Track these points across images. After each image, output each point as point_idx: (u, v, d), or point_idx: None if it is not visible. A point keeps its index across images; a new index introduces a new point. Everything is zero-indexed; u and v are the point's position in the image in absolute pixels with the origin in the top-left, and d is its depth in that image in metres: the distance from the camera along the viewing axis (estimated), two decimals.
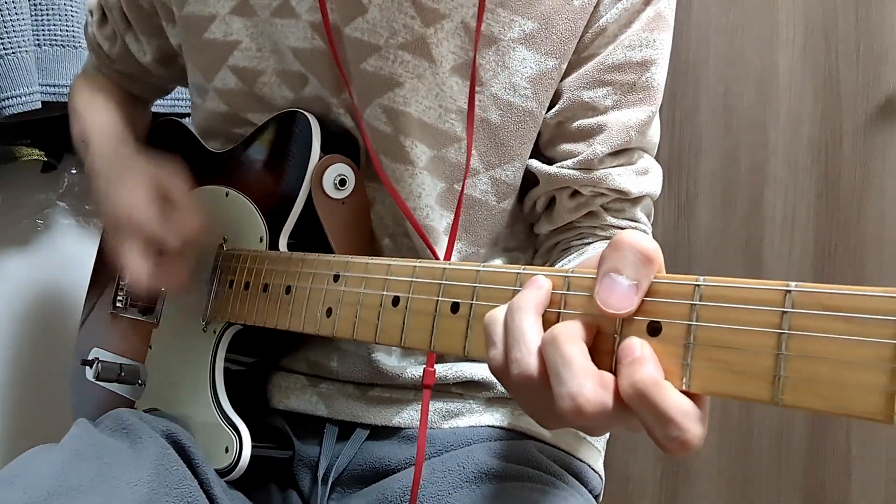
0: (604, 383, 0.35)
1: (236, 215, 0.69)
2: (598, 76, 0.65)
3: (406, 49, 0.63)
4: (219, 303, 0.67)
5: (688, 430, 0.33)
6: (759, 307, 0.32)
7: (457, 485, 0.60)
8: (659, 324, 0.35)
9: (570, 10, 0.63)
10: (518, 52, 0.64)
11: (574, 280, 0.40)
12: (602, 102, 0.65)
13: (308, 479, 0.67)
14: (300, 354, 0.70)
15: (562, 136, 0.66)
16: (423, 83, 0.64)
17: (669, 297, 0.35)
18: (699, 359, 0.34)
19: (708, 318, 0.34)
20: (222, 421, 0.63)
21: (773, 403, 0.31)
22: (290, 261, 0.59)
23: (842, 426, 1.30)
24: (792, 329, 0.31)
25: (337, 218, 0.66)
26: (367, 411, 0.67)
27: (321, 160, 0.65)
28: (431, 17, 0.63)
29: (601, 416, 0.34)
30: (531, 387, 0.37)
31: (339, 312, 0.53)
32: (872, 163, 1.29)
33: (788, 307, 0.31)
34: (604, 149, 0.64)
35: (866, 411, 0.29)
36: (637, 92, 0.65)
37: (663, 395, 0.33)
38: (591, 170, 0.65)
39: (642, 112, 0.65)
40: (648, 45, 0.65)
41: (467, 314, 0.44)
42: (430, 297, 0.46)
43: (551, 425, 0.40)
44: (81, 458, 0.55)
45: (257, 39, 0.68)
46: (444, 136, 0.65)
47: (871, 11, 1.28)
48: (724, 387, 0.33)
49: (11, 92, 0.95)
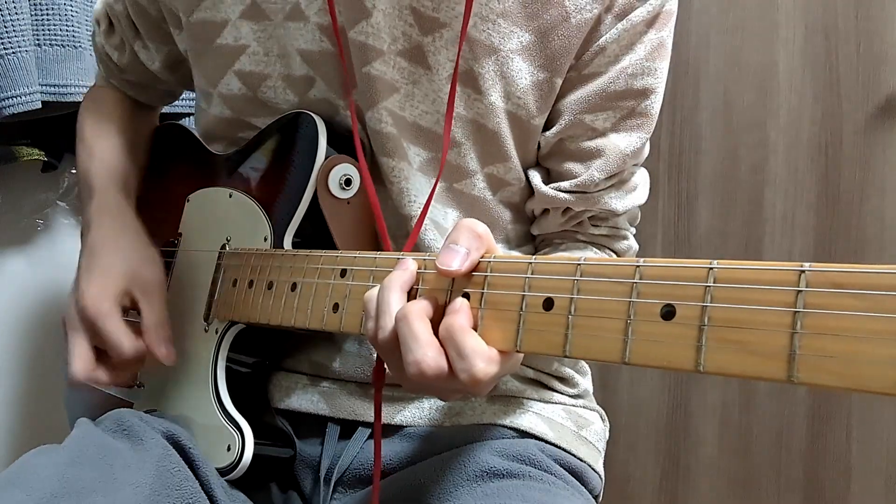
0: (441, 352, 0.44)
1: (240, 216, 0.69)
2: (601, 102, 0.67)
3: (403, 56, 0.65)
4: (222, 302, 0.67)
5: (475, 366, 0.43)
6: (773, 287, 0.33)
7: (458, 483, 0.60)
8: (673, 307, 0.36)
9: (566, 27, 0.64)
10: (516, 63, 0.65)
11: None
12: (602, 125, 0.68)
13: (310, 480, 0.67)
14: (302, 355, 0.70)
15: (561, 153, 0.69)
16: (419, 89, 0.65)
17: (683, 280, 0.36)
18: (714, 340, 0.34)
19: (722, 299, 0.34)
20: (224, 420, 0.63)
21: (788, 382, 0.32)
22: (296, 258, 0.59)
23: (842, 426, 1.30)
24: (807, 307, 0.32)
25: (342, 217, 0.66)
26: (369, 409, 0.67)
27: (327, 160, 0.65)
28: (430, 26, 0.64)
29: (440, 377, 0.44)
30: (395, 351, 0.46)
31: (346, 307, 0.53)
32: (872, 163, 1.29)
33: (803, 286, 0.32)
34: (600, 175, 0.67)
35: (882, 386, 0.29)
36: (635, 117, 0.68)
37: (464, 337, 0.43)
38: (587, 193, 0.68)
39: (638, 139, 0.68)
40: (650, 73, 0.67)
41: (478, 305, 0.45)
42: (441, 289, 0.47)
43: (407, 386, 0.50)
44: (84, 460, 0.55)
45: (265, 44, 0.68)
46: (440, 139, 0.66)
47: (871, 11, 1.28)
48: (740, 367, 0.33)
49: (11, 92, 0.94)
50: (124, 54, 0.82)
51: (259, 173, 0.71)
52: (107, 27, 0.82)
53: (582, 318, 0.40)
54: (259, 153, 0.71)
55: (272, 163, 0.70)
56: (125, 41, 0.81)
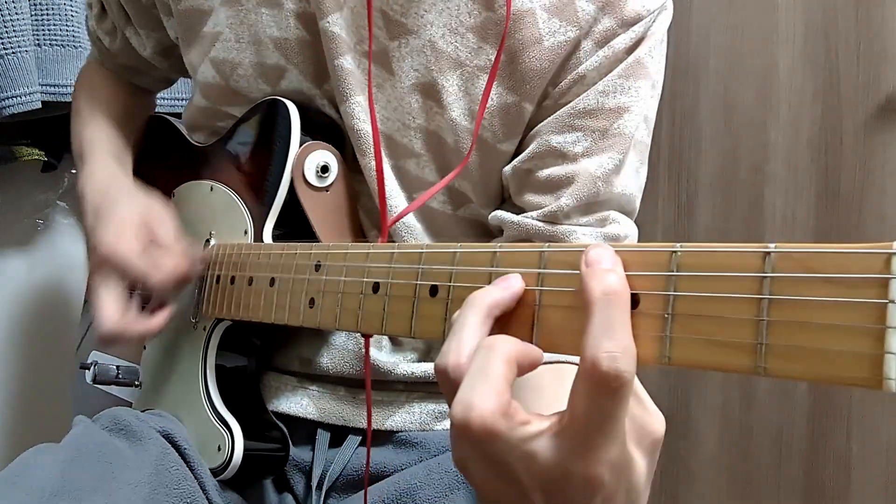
0: (508, 415, 0.32)
1: (221, 209, 0.68)
2: (569, 121, 0.62)
3: (367, 57, 0.63)
4: (207, 299, 0.66)
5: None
6: (737, 273, 0.31)
7: (453, 486, 0.60)
8: (637, 296, 0.34)
9: (539, 49, 0.61)
10: (481, 81, 0.63)
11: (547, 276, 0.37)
12: (571, 149, 0.62)
13: (302, 485, 0.67)
14: (291, 351, 0.69)
15: (530, 185, 0.63)
16: (382, 93, 0.64)
17: (646, 269, 0.34)
18: (679, 331, 0.32)
19: (686, 287, 0.32)
20: (214, 419, 0.62)
21: (755, 373, 0.30)
22: (273, 252, 0.58)
23: (842, 426, 1.30)
24: (773, 294, 0.30)
25: (321, 207, 0.64)
26: (358, 415, 0.66)
27: (301, 147, 0.63)
28: (397, 31, 0.63)
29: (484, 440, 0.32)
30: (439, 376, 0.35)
31: (321, 303, 0.51)
32: (872, 163, 1.29)
33: (769, 271, 0.30)
34: (570, 202, 0.61)
35: (854, 378, 0.27)
36: (608, 139, 0.62)
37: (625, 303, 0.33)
38: (556, 223, 0.62)
39: (609, 160, 0.62)
40: (623, 91, 0.62)
41: (446, 297, 0.42)
42: (409, 282, 0.44)
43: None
44: (83, 458, 0.55)
45: (236, 30, 0.67)
46: (402, 149, 0.65)
47: (871, 11, 1.28)
48: (706, 358, 0.31)
49: (11, 92, 0.95)
50: (115, 40, 0.81)
51: (236, 164, 0.69)
52: (99, 11, 0.82)
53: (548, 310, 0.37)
54: (235, 143, 0.70)
55: (248, 153, 0.68)
56: (116, 27, 0.81)
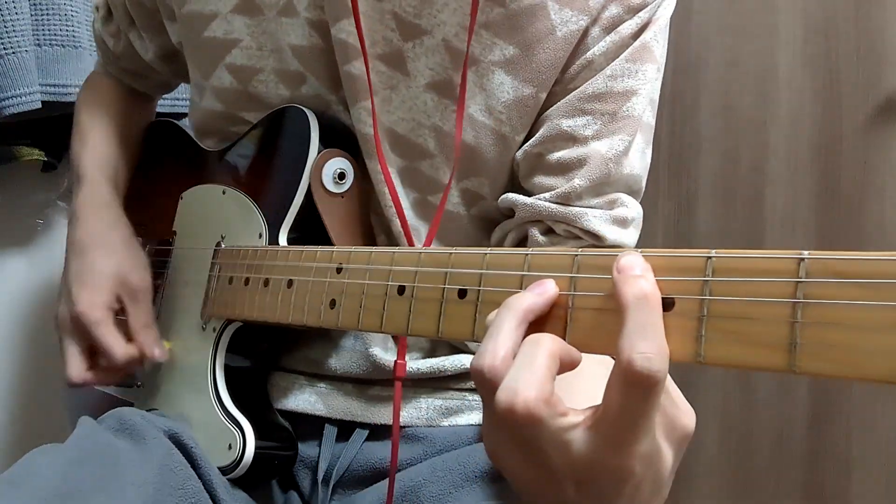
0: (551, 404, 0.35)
1: (234, 213, 0.69)
2: (579, 105, 0.63)
3: (382, 60, 0.64)
4: (218, 300, 0.67)
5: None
6: (772, 279, 0.33)
7: (458, 484, 0.60)
8: (672, 299, 0.36)
9: (552, 40, 0.63)
10: (497, 76, 0.64)
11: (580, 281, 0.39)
12: (582, 132, 0.63)
13: (308, 481, 0.67)
14: (299, 353, 0.69)
15: (541, 167, 0.65)
16: (396, 95, 0.65)
17: (681, 274, 0.36)
18: (713, 331, 0.34)
19: (721, 292, 0.34)
20: (225, 418, 0.63)
21: (789, 371, 0.32)
22: (291, 254, 0.59)
23: (842, 426, 1.30)
24: (807, 297, 0.32)
25: (337, 212, 0.66)
26: (366, 410, 0.67)
27: (320, 154, 0.65)
28: (411, 33, 0.64)
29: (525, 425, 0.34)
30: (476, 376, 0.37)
31: (342, 303, 0.53)
32: (872, 163, 1.29)
33: (802, 276, 0.32)
34: (583, 182, 0.62)
35: (883, 375, 0.29)
36: (617, 121, 0.63)
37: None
38: (568, 204, 0.63)
39: (620, 142, 0.63)
40: (630, 75, 0.63)
41: (475, 299, 0.44)
42: (437, 285, 0.46)
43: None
44: (87, 459, 0.55)
45: (259, 38, 0.68)
46: (416, 149, 0.66)
47: (871, 11, 1.28)
48: (740, 358, 0.33)
49: (11, 92, 0.95)
50: (119, 42, 0.83)
51: (252, 169, 0.70)
52: (105, 14, 0.83)
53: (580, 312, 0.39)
54: (251, 148, 0.71)
55: (265, 158, 0.69)
56: (121, 30, 0.82)
